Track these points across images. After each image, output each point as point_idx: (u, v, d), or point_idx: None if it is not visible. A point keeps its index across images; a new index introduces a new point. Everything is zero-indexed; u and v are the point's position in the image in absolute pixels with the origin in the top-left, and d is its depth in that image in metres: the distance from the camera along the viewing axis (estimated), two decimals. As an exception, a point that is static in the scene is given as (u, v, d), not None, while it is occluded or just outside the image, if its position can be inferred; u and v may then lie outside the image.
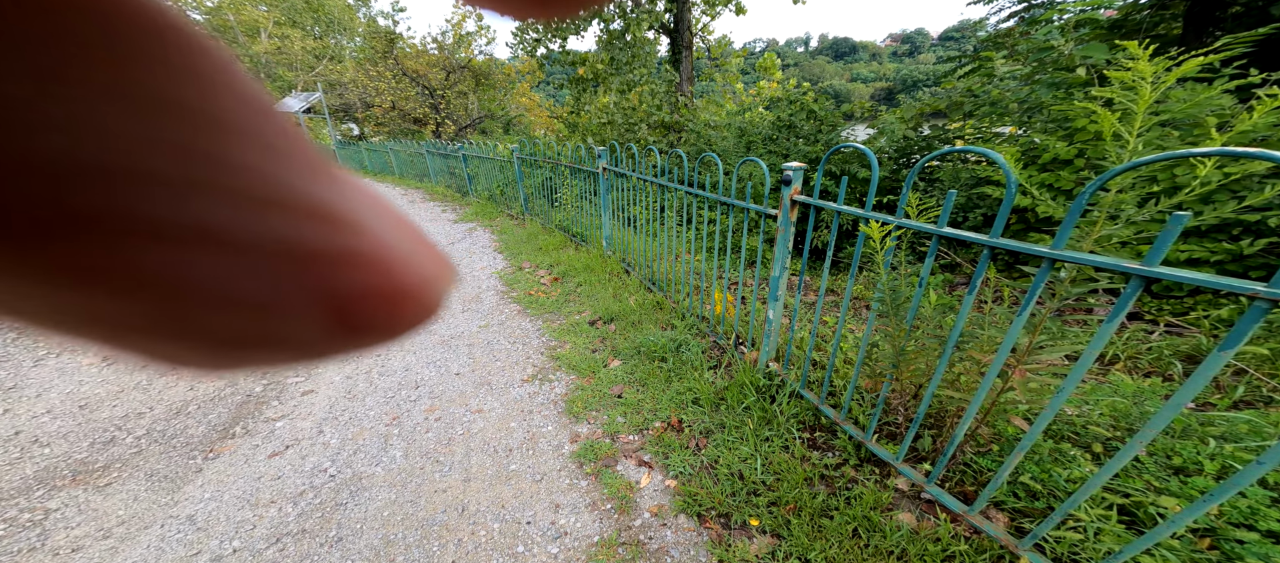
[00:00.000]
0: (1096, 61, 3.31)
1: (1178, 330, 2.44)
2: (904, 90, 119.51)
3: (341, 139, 18.58)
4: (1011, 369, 1.40)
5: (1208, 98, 2.21)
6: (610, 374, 2.52)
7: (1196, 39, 4.19)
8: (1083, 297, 1.32)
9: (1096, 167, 2.90)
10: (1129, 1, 4.77)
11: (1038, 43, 3.75)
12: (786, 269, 2.10)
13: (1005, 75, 4.15)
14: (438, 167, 9.52)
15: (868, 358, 2.04)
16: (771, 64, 12.27)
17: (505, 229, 5.73)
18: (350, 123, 20.16)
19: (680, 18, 8.77)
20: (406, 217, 0.13)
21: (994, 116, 4.01)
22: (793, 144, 4.92)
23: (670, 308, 3.09)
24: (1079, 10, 4.07)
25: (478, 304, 3.59)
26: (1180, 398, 0.93)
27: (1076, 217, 1.02)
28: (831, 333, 2.64)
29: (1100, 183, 0.98)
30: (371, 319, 0.11)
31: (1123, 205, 1.19)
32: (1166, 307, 2.63)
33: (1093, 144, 2.91)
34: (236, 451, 2.11)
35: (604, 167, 3.80)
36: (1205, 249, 2.51)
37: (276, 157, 0.10)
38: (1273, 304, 0.83)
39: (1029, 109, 3.69)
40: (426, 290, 0.12)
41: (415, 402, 2.41)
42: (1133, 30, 4.56)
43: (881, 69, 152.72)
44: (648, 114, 7.94)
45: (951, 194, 1.25)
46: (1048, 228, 3.16)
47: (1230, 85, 2.51)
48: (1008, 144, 3.71)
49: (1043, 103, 3.46)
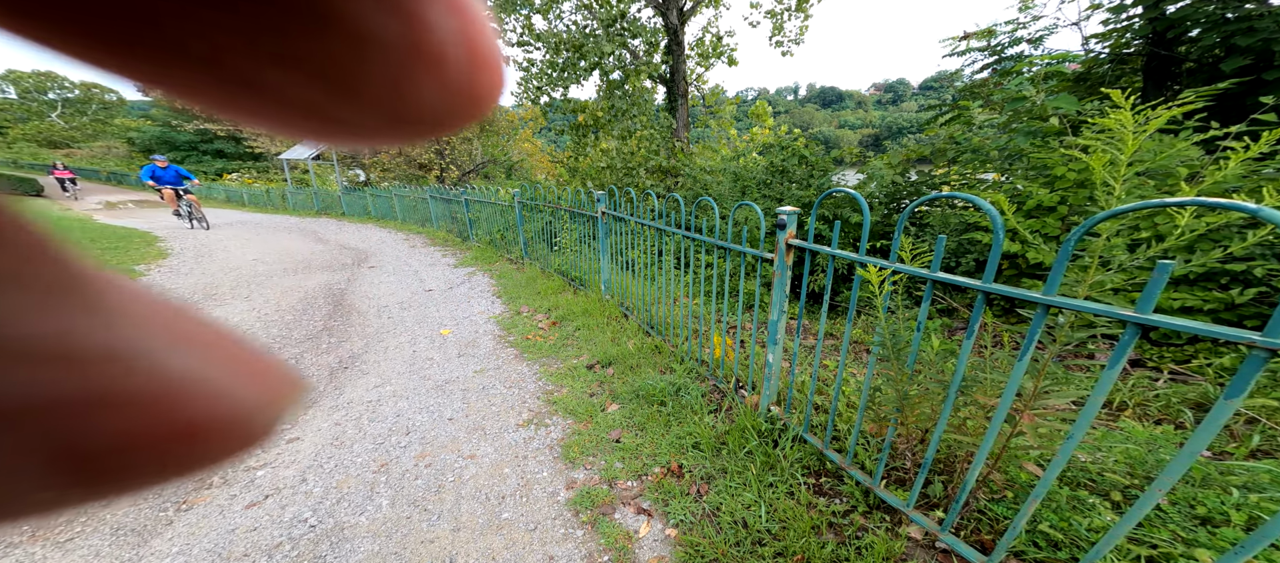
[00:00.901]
0: (1067, 112, 3.47)
1: (1182, 378, 2.44)
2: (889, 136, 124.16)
3: (348, 185, 18.95)
4: (1019, 414, 1.38)
5: (1179, 149, 2.31)
6: (608, 418, 2.47)
7: (1157, 92, 4.42)
8: (1083, 342, 1.32)
9: (1079, 213, 2.98)
10: (1091, 55, 5.07)
11: (1011, 93, 3.94)
12: (784, 312, 2.11)
13: (983, 123, 4.33)
14: (440, 211, 9.69)
15: (871, 402, 2.02)
16: (763, 111, 12.80)
17: (504, 274, 5.77)
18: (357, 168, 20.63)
19: (676, 69, 9.22)
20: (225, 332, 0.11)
21: (977, 163, 4.15)
22: (786, 188, 5.06)
23: (669, 352, 3.07)
24: (1046, 63, 4.31)
25: (474, 349, 3.56)
26: (1194, 445, 0.93)
27: (1065, 263, 1.04)
28: (832, 377, 2.62)
29: (1084, 229, 1.01)
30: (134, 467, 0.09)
31: (1113, 252, 1.22)
32: (1168, 354, 2.63)
33: (1073, 191, 3.00)
34: (212, 501, 2.03)
35: (603, 211, 3.88)
36: (1197, 298, 2.54)
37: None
38: (1271, 353, 0.84)
39: (1009, 156, 3.83)
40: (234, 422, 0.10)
41: (405, 448, 2.34)
42: (1097, 82, 4.83)
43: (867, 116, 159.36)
44: (645, 159, 8.19)
45: (941, 239, 1.28)
46: (1040, 274, 3.21)
47: (1195, 138, 2.62)
48: (992, 190, 3.83)
49: (1022, 150, 3.59)
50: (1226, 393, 0.87)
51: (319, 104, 0.10)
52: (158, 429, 0.09)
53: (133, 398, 0.09)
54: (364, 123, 0.11)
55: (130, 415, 0.09)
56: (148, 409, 0.09)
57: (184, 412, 0.10)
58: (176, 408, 0.10)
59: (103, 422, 0.09)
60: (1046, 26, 4.85)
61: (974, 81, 4.95)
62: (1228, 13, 4.04)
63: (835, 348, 3.37)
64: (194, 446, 0.10)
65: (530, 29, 9.10)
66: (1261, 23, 3.79)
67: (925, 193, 4.35)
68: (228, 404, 0.10)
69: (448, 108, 0.11)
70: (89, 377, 0.09)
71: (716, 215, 2.30)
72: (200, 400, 0.10)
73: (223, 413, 0.10)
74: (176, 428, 0.10)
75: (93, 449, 0.09)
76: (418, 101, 0.11)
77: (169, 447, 0.10)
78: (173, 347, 0.10)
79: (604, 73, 9.14)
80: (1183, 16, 4.22)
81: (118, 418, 0.09)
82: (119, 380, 0.09)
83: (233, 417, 0.10)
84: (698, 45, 10.44)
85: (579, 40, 8.42)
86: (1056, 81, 4.25)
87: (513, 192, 6.31)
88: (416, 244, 8.59)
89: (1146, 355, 2.68)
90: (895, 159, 4.76)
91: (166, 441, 0.09)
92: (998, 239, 1.14)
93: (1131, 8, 4.68)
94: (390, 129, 0.11)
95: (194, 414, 0.10)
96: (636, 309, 3.71)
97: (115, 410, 0.09)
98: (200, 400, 0.10)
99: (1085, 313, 1.06)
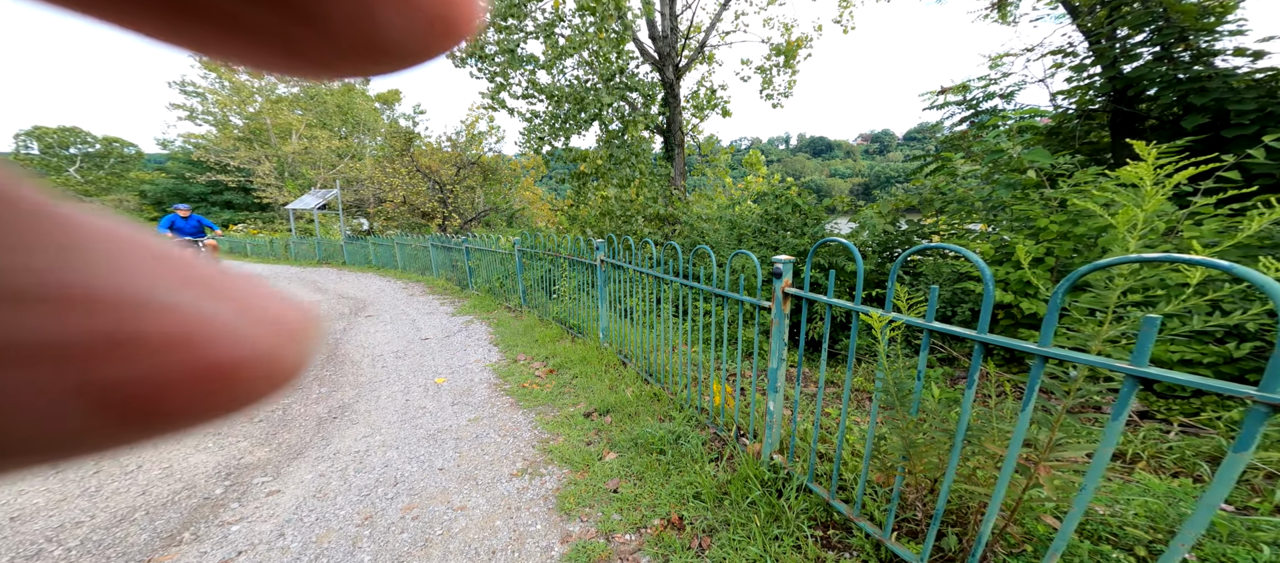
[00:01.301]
0: (1042, 166, 3.61)
1: (1195, 431, 2.41)
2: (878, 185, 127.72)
3: (351, 233, 19.20)
4: (1034, 465, 1.36)
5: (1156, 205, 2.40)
6: (605, 468, 2.39)
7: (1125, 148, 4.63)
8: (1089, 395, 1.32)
9: (1066, 266, 3.04)
10: (1060, 111, 5.34)
11: (989, 145, 4.12)
12: (784, 360, 2.10)
13: (966, 174, 4.49)
14: (440, 260, 9.78)
15: (876, 450, 1.97)
16: (757, 160, 13.26)
17: (502, 322, 5.75)
18: (361, 217, 20.96)
19: (672, 120, 9.64)
20: (237, 276, 0.12)
21: (963, 213, 4.26)
22: (781, 237, 5.15)
23: (668, 399, 3.03)
24: (1018, 118, 4.53)
25: (468, 397, 3.50)
26: (1211, 498, 0.92)
27: (1055, 315, 1.06)
28: (835, 424, 2.57)
29: (1069, 283, 1.03)
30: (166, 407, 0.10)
31: (1108, 304, 1.24)
32: (1176, 406, 2.61)
33: (1057, 243, 3.07)
34: (180, 558, 1.92)
35: (601, 258, 3.94)
36: (1195, 351, 2.55)
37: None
38: (1271, 409, 0.84)
39: (993, 207, 3.94)
40: (258, 362, 0.11)
41: (392, 499, 2.25)
42: (1068, 137, 5.06)
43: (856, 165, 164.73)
44: (644, 207, 8.38)
45: (934, 290, 1.31)
46: (1036, 324, 3.23)
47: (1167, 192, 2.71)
48: (980, 241, 3.91)
49: (1005, 202, 3.71)
50: (1234, 447, 0.88)
51: (281, 31, 0.10)
52: (185, 370, 0.10)
53: (155, 340, 0.09)
54: (330, 53, 0.11)
55: (155, 357, 0.09)
56: (173, 351, 0.09)
57: (209, 353, 0.10)
58: (200, 349, 0.10)
59: (127, 362, 0.09)
60: (1016, 83, 5.15)
61: (954, 134, 5.18)
62: (1179, 74, 4.31)
63: (837, 396, 3.33)
64: (224, 385, 0.10)
65: (535, 83, 9.58)
66: (1212, 84, 4.05)
67: (916, 242, 4.44)
68: (249, 345, 0.11)
69: (419, 37, 0.11)
70: (106, 319, 0.09)
71: (713, 263, 2.33)
72: (223, 342, 0.10)
73: (246, 354, 0.10)
74: (204, 368, 0.10)
75: (121, 390, 0.09)
76: (387, 30, 0.11)
77: (200, 387, 0.10)
78: (188, 292, 0.10)
79: (604, 123, 9.54)
80: (1139, 76, 4.50)
81: (142, 359, 0.09)
82: (138, 323, 0.09)
83: (256, 357, 0.11)
84: (693, 98, 10.97)
85: (581, 93, 8.84)
86: (1030, 135, 4.44)
87: (513, 240, 6.40)
88: (415, 293, 8.61)
89: (1154, 407, 2.66)
90: (885, 208, 4.89)
91: (196, 380, 0.10)
92: (988, 290, 1.16)
93: (1091, 67, 4.99)
94: (358, 60, 0.11)
95: (219, 355, 0.10)
96: (635, 357, 3.68)
97: (138, 352, 0.09)
98: (223, 342, 0.10)
99: (1084, 365, 1.07)
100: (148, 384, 0.09)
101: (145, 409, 0.09)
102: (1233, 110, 3.84)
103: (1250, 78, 4.00)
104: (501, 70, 9.39)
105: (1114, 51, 4.69)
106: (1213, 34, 4.22)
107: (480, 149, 18.70)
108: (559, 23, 8.36)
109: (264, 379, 0.11)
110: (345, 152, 28.81)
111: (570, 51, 8.18)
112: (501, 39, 8.88)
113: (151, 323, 0.09)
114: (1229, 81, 4.00)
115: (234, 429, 3.07)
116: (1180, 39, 4.30)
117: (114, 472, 2.55)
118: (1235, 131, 3.79)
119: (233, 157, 26.58)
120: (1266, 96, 3.82)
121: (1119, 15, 4.65)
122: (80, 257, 0.09)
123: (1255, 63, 4.06)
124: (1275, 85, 3.87)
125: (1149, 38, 4.49)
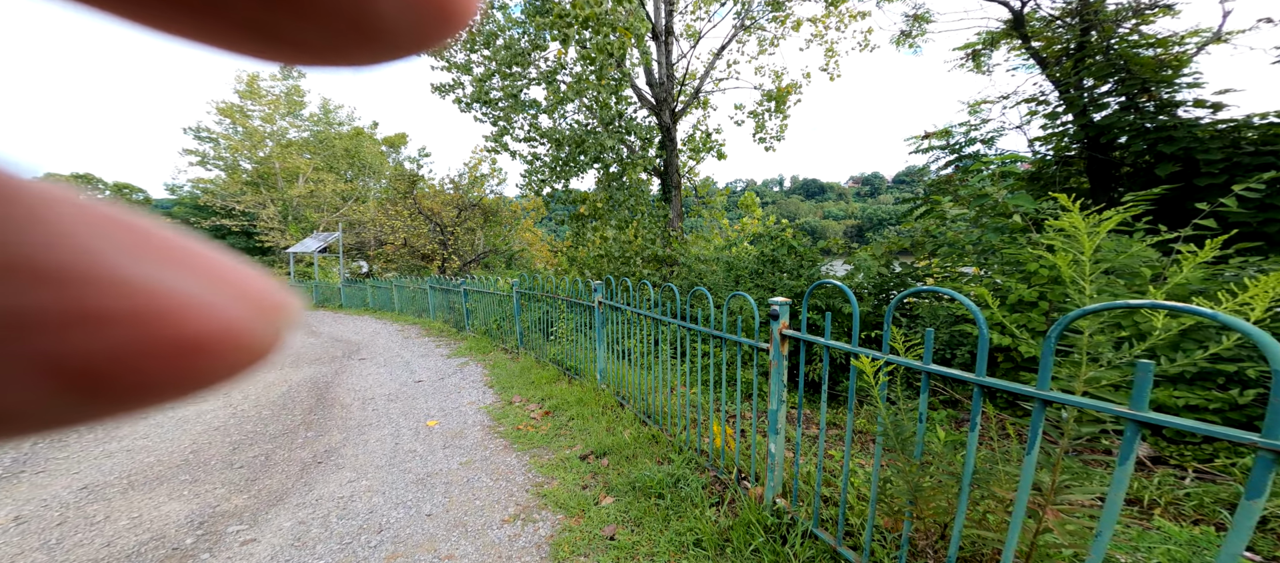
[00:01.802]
0: (1027, 210, 3.69)
1: (1211, 477, 2.36)
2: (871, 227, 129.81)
3: (349, 276, 19.24)
4: (1042, 509, 1.32)
5: (1136, 251, 2.44)
6: (602, 513, 2.30)
7: (1101, 192, 4.77)
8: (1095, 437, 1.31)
9: (1059, 309, 3.06)
10: (1039, 157, 5.52)
11: (975, 190, 4.22)
12: (784, 402, 2.07)
13: (955, 218, 4.58)
14: (438, 302, 9.77)
15: (882, 493, 1.91)
16: (752, 202, 13.52)
17: (498, 363, 5.69)
18: (361, 260, 21.06)
19: (670, 162, 9.91)
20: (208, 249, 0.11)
21: (955, 256, 4.31)
22: (778, 278, 5.19)
23: (666, 441, 2.95)
24: (999, 163, 4.67)
25: (460, 440, 3.41)
26: (1232, 547, 0.90)
27: (1050, 358, 1.07)
28: (838, 467, 2.50)
29: (1063, 325, 1.04)
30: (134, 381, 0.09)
31: (1100, 348, 1.25)
32: (1187, 452, 2.56)
33: (1049, 287, 3.10)
34: None
35: (599, 300, 3.94)
36: (1198, 396, 2.53)
37: None
38: (1276, 455, 0.84)
39: (983, 251, 4.00)
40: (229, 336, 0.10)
41: (375, 548, 2.15)
42: (1048, 183, 5.20)
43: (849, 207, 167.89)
44: (642, 248, 8.48)
45: (929, 332, 1.31)
46: (1035, 367, 3.21)
47: (1150, 240, 2.77)
48: (974, 284, 3.94)
49: (994, 245, 3.76)
50: (1247, 493, 0.87)
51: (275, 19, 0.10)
52: (152, 344, 0.09)
53: (122, 314, 0.09)
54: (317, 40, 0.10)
55: (121, 330, 0.09)
56: (140, 324, 0.09)
57: (177, 327, 0.10)
58: (168, 323, 0.10)
59: (92, 336, 0.09)
60: (995, 129, 5.34)
61: (940, 177, 5.33)
62: (1146, 123, 4.49)
63: (839, 438, 3.25)
64: (193, 360, 0.10)
65: (536, 126, 9.92)
66: (1178, 133, 4.21)
67: (910, 284, 4.47)
68: (220, 320, 0.10)
69: (415, 23, 0.10)
70: (71, 292, 0.09)
71: (711, 305, 2.34)
72: (192, 316, 0.10)
73: (220, 328, 0.10)
74: (172, 343, 0.10)
75: (85, 363, 0.09)
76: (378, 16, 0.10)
77: (168, 362, 0.10)
78: (158, 265, 0.10)
79: (603, 166, 9.80)
80: (1109, 124, 4.68)
81: (108, 333, 0.09)
82: (104, 296, 0.09)
83: (227, 332, 0.10)
84: (689, 141, 11.33)
85: (581, 136, 9.14)
86: (1012, 181, 4.57)
87: (512, 282, 6.43)
88: (411, 335, 8.55)
89: (1166, 453, 2.60)
90: (878, 251, 4.95)
91: (165, 355, 0.10)
92: (983, 334, 1.17)
93: (1063, 114, 5.20)
94: (349, 48, 0.10)
95: (187, 330, 0.10)
96: (633, 398, 3.62)
97: (103, 326, 0.09)
98: (192, 316, 0.10)
99: (1086, 409, 1.06)
100: (114, 359, 0.09)
101: (112, 384, 0.09)
102: (1201, 160, 3.98)
103: (1213, 128, 4.17)
104: (505, 114, 9.75)
105: (1083, 101, 4.91)
106: (1172, 86, 4.43)
107: (482, 191, 19.04)
108: (561, 70, 8.76)
109: (235, 354, 0.10)
110: (350, 194, 29.28)
111: (571, 97, 8.52)
112: (506, 85, 9.27)
113: (118, 296, 0.09)
114: (1194, 131, 4.17)
115: (211, 475, 2.96)
116: (1143, 90, 4.51)
117: (78, 523, 2.44)
118: (1206, 180, 3.91)
119: (239, 201, 26.96)
120: (1231, 146, 3.97)
121: (1084, 66, 4.90)
122: (44, 229, 0.09)
123: (1216, 113, 4.25)
124: (1238, 135, 4.02)
125: (1114, 88, 4.72)
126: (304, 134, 31.16)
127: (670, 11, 9.63)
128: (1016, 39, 5.85)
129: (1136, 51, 4.58)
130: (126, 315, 0.09)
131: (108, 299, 0.09)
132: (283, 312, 0.12)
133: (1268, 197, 3.28)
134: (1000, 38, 6.23)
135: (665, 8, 9.50)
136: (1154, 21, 4.81)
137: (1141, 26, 4.81)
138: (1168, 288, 2.11)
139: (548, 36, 7.69)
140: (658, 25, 9.50)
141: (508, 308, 6.71)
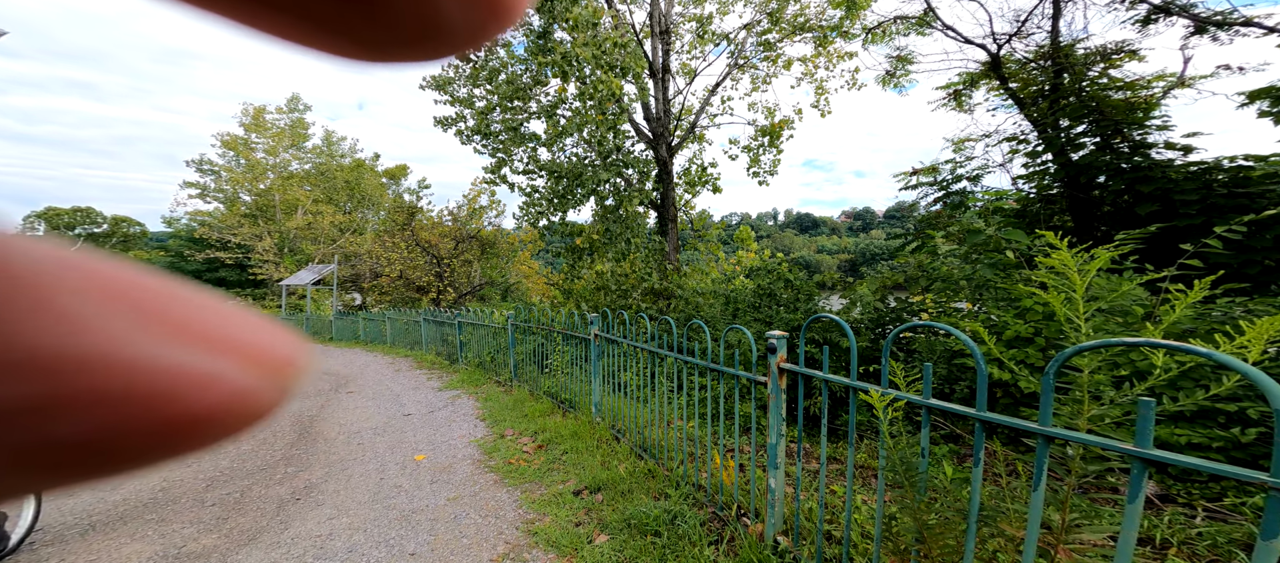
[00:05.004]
0: (1019, 245, 3.74)
1: (1221, 516, 2.31)
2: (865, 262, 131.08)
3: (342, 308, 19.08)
4: (1053, 547, 1.27)
5: (1126, 290, 2.47)
6: (595, 552, 2.20)
7: (1085, 231, 4.86)
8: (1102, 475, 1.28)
9: (1055, 346, 3.06)
10: (1022, 194, 5.65)
11: (966, 225, 4.29)
12: (783, 435, 2.03)
13: (947, 253, 4.63)
14: (431, 334, 9.66)
15: (887, 532, 1.85)
16: (747, 236, 13.67)
17: (491, 396, 5.58)
18: (355, 292, 20.94)
19: (666, 195, 10.07)
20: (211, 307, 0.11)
21: (949, 291, 4.34)
22: (775, 311, 5.19)
23: (663, 476, 2.87)
24: (985, 200, 4.77)
25: (448, 475, 3.30)
26: None
27: (1051, 393, 1.06)
28: (840, 503, 2.43)
29: (1060, 362, 1.04)
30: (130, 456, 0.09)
31: (1101, 386, 1.24)
32: (1195, 490, 2.52)
33: (1044, 324, 3.11)
34: None
35: (596, 333, 3.91)
36: (1201, 434, 2.51)
37: None
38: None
39: (977, 286, 4.02)
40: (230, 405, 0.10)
41: (359, 599, 2.03)
42: (1033, 220, 5.31)
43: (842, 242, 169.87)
44: (639, 281, 8.49)
45: (928, 367, 1.31)
46: (1035, 403, 3.18)
47: (1140, 279, 2.81)
48: (968, 320, 3.95)
49: (988, 280, 3.79)
50: (1263, 534, 0.86)
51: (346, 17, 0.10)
52: (156, 423, 0.09)
53: (122, 396, 0.09)
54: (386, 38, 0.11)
55: (122, 412, 0.09)
56: (142, 405, 0.09)
57: (182, 405, 0.09)
58: (173, 401, 0.09)
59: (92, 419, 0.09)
60: (980, 166, 5.48)
61: (930, 213, 5.42)
62: (1122, 164, 4.63)
63: (840, 473, 3.17)
64: (200, 430, 0.10)
65: (535, 159, 10.11)
66: (1154, 173, 4.34)
67: (906, 319, 4.47)
68: (227, 389, 0.10)
69: (473, 20, 0.11)
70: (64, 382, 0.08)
71: (708, 338, 2.33)
72: (198, 391, 0.10)
73: (223, 399, 0.10)
74: (177, 420, 0.09)
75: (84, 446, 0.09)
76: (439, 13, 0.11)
77: (173, 436, 0.09)
78: (160, 336, 0.10)
79: (600, 199, 9.93)
80: (1087, 163, 4.82)
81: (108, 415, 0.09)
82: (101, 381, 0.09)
83: (235, 399, 0.10)
84: (685, 174, 11.54)
85: (578, 169, 9.32)
86: (1000, 217, 4.66)
87: (507, 314, 6.39)
88: (402, 368, 8.41)
89: (1175, 491, 2.56)
90: (874, 285, 4.98)
91: (169, 432, 0.09)
92: (981, 369, 1.16)
93: (1043, 153, 5.36)
94: (413, 45, 0.11)
95: (194, 405, 0.09)
96: (629, 431, 3.54)
97: (104, 409, 0.09)
98: (198, 391, 0.10)
99: (1091, 446, 1.05)
100: (110, 439, 0.09)
101: (104, 461, 0.09)
102: (1177, 200, 4.09)
103: (1187, 169, 4.30)
104: (505, 146, 9.95)
105: (1061, 140, 5.07)
106: (1144, 127, 4.59)
107: (481, 223, 19.17)
108: (561, 105, 9.01)
109: (238, 420, 0.10)
110: (347, 226, 29.32)
111: (571, 131, 8.73)
112: (506, 118, 9.50)
113: (116, 378, 0.09)
114: (1168, 173, 4.29)
115: (179, 514, 2.83)
116: (1116, 131, 4.67)
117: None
118: (1185, 221, 4.00)
119: (235, 233, 26.89)
120: (1204, 189, 4.08)
121: (1059, 107, 5.08)
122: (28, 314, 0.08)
123: (1186, 156, 4.39)
124: (1210, 178, 4.15)
125: (1088, 129, 4.89)
126: (306, 166, 31.44)
127: (666, 52, 10.02)
128: (995, 80, 6.10)
129: (1107, 94, 4.78)
130: (124, 397, 0.09)
131: (105, 381, 0.09)
132: (291, 367, 0.11)
133: (1247, 238, 3.35)
134: (979, 78, 6.50)
135: (662, 48, 9.89)
136: (1121, 66, 5.03)
137: (1110, 70, 5.03)
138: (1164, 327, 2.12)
139: (549, 72, 7.96)
140: (655, 64, 9.86)
141: (502, 340, 6.63)
